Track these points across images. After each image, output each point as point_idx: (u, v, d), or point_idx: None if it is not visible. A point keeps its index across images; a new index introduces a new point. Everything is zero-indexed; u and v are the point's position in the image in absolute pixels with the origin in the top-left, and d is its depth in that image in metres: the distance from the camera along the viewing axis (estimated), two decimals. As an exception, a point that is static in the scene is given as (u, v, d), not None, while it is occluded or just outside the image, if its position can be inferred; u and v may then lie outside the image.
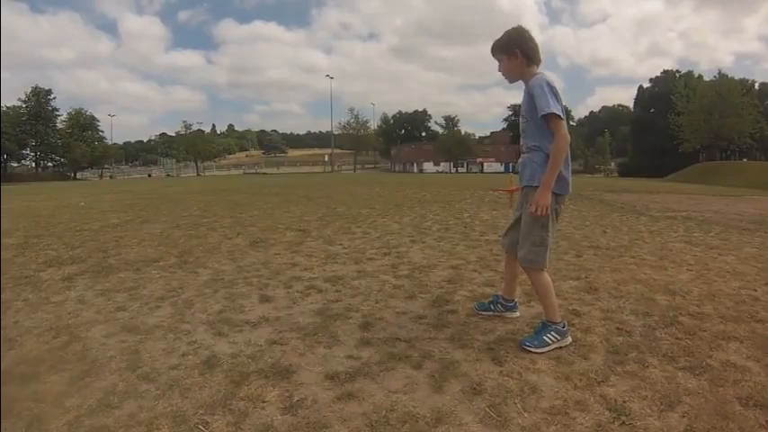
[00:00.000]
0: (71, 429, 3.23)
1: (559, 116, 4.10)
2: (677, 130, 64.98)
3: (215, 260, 8.66)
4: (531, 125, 4.14)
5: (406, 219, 13.93)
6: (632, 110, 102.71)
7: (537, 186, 4.20)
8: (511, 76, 4.66)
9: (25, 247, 10.01)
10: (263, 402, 3.52)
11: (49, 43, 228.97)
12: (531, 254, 4.38)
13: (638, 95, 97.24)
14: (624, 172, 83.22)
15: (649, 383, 3.69)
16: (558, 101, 4.15)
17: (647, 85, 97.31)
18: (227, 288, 6.79)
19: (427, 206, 17.45)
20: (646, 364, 4.02)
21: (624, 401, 3.44)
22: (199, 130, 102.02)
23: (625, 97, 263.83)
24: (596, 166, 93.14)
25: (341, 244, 10.06)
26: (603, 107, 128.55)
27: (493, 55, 4.66)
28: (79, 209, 18.22)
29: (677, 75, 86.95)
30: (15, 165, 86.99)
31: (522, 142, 4.57)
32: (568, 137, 4.20)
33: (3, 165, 73.94)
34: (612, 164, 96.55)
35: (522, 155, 4.59)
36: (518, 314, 5.02)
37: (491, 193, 21.63)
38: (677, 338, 4.46)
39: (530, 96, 4.35)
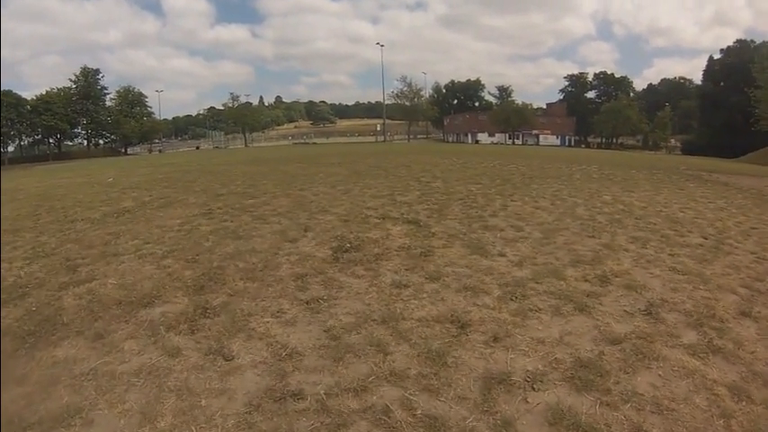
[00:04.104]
0: None
1: None
2: (755, 105, 56.39)
3: (270, 305, 4.05)
4: None
5: (543, 202, 9.36)
6: (698, 83, 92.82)
7: None
8: None
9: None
10: None
11: (97, 26, 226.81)
12: None
13: (707, 67, 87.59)
14: (689, 150, 75.49)
15: None
16: None
17: (717, 55, 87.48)
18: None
19: (543, 183, 12.66)
20: None
21: None
22: (246, 102, 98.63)
23: (685, 70, 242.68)
24: (659, 143, 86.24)
25: (502, 253, 5.70)
26: (663, 79, 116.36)
27: None
28: (98, 188, 14.15)
29: (752, 45, 78.92)
30: (70, 143, 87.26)
31: None
32: None
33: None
34: (673, 140, 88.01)
35: None
36: None
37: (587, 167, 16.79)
38: None
39: None
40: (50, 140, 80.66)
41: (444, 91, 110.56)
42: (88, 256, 5.76)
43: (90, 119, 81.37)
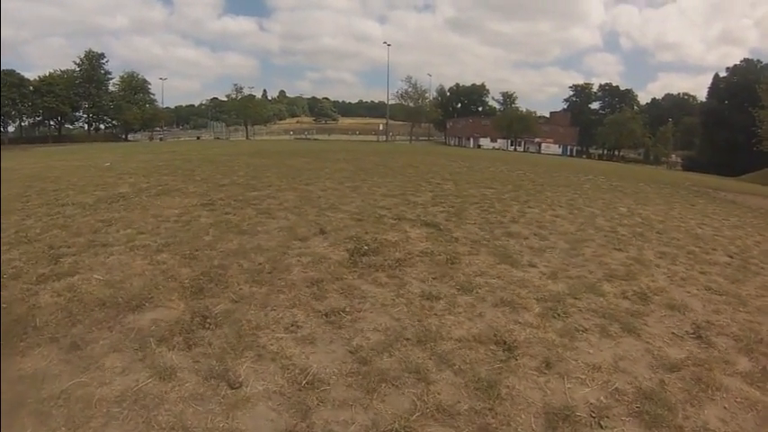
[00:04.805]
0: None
1: None
2: (759, 125, 55.78)
3: (282, 316, 3.43)
4: None
5: (560, 211, 8.82)
6: (701, 100, 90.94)
7: None
8: None
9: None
10: None
11: (104, 10, 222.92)
12: None
13: (712, 84, 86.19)
14: (689, 166, 75.00)
15: None
16: None
17: (722, 74, 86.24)
18: None
19: (555, 191, 12.11)
20: None
21: None
22: (250, 95, 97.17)
23: (689, 86, 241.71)
24: (662, 158, 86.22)
25: (532, 264, 5.19)
26: (667, 94, 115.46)
27: None
28: (94, 172, 13.47)
29: (758, 65, 78.49)
30: (71, 127, 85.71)
31: None
32: None
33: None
34: (673, 156, 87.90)
35: None
36: None
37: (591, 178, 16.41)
38: None
39: None
40: (51, 123, 78.97)
41: (448, 94, 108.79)
42: (74, 244, 5.12)
43: (92, 103, 79.70)
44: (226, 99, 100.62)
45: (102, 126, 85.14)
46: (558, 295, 4.23)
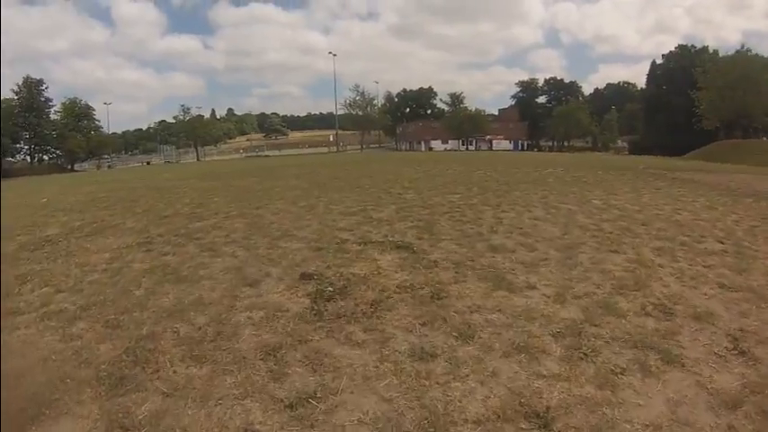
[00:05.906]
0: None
1: None
2: (698, 106, 59.40)
3: (230, 415, 2.54)
4: None
5: (537, 212, 8.14)
6: (640, 87, 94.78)
7: None
8: None
9: None
10: None
11: (42, 34, 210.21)
12: None
13: (650, 71, 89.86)
14: (635, 149, 78.75)
15: None
16: None
17: (659, 61, 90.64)
18: None
19: (522, 189, 11.40)
20: None
21: None
22: (198, 115, 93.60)
23: (629, 74, 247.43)
24: (608, 144, 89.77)
25: (530, 285, 4.47)
26: (609, 84, 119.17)
27: None
28: (25, 211, 12.02)
29: (692, 50, 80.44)
30: (12, 160, 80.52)
31: None
32: None
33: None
34: (619, 141, 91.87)
35: None
36: None
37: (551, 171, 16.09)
38: None
39: None
40: (-12, 157, 74.46)
41: (396, 99, 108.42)
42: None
43: (33, 133, 74.96)
44: (174, 121, 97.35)
45: (45, 157, 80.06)
46: (574, 325, 3.51)
